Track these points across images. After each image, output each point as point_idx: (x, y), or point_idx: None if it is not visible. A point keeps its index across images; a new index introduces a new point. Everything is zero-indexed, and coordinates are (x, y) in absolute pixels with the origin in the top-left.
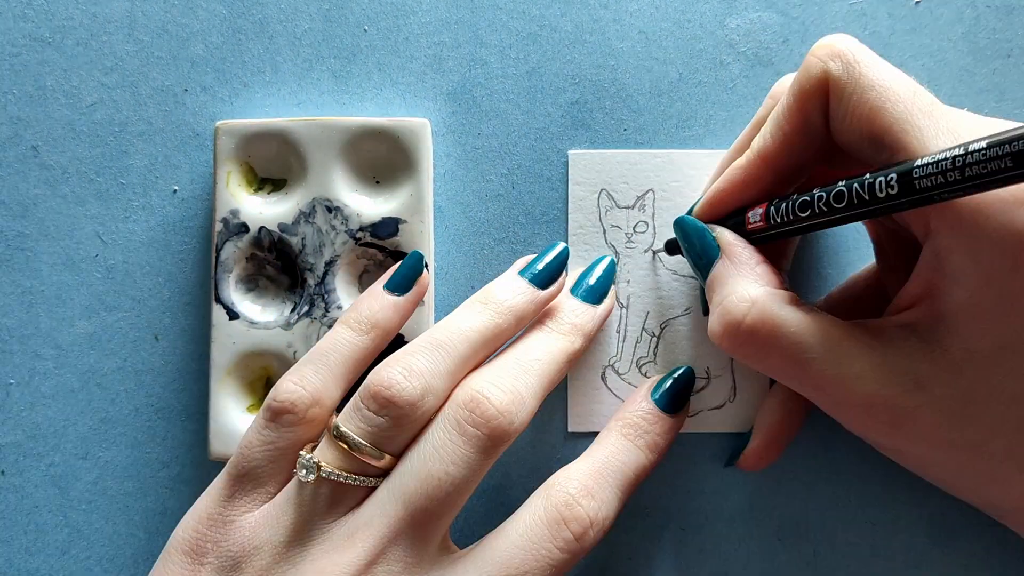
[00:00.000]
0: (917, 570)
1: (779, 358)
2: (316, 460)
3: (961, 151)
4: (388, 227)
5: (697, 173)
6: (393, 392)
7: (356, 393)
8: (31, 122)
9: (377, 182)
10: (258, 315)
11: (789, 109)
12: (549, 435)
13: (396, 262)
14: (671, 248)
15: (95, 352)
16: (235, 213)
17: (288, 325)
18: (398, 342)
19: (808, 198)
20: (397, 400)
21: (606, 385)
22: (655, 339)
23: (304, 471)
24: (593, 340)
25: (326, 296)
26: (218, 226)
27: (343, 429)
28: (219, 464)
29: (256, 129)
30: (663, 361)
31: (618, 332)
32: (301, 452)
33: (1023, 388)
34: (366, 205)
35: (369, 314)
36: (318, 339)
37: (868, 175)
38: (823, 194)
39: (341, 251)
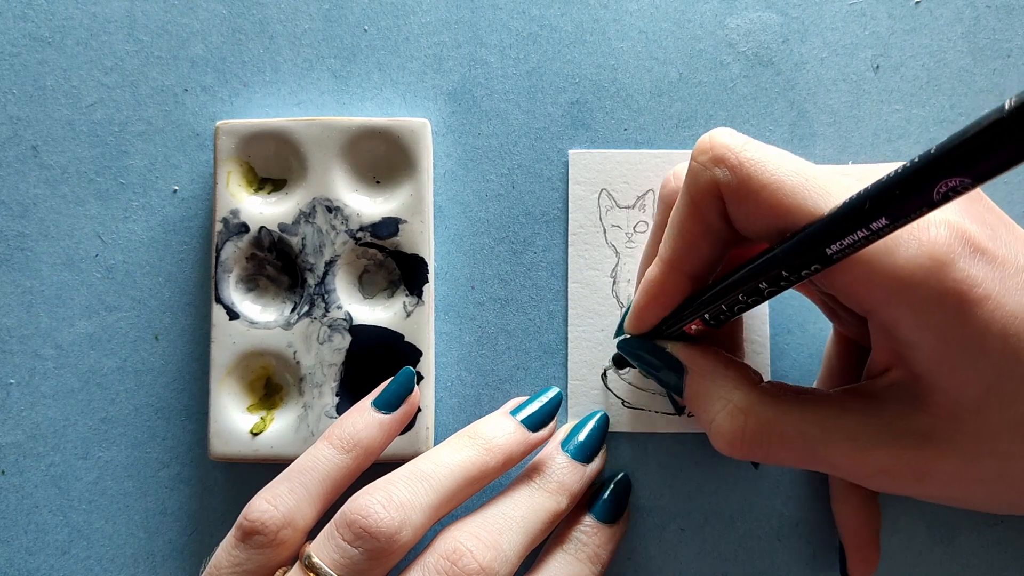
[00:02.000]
0: (917, 570)
1: (789, 453)
2: None
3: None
4: (388, 227)
5: None
6: (369, 522)
7: (332, 519)
8: (31, 122)
9: (377, 182)
10: (258, 315)
11: (686, 216)
12: None
13: (396, 263)
14: (619, 362)
15: (95, 352)
16: (235, 213)
17: (288, 325)
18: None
19: (732, 303)
20: (373, 531)
21: (606, 385)
22: None
23: None
24: (577, 499)
25: (326, 296)
26: (218, 226)
27: (315, 559)
28: (219, 464)
29: (256, 129)
30: None
31: None
32: None
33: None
34: (366, 205)
35: (352, 432)
36: (318, 339)
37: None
38: (747, 297)
39: (341, 251)
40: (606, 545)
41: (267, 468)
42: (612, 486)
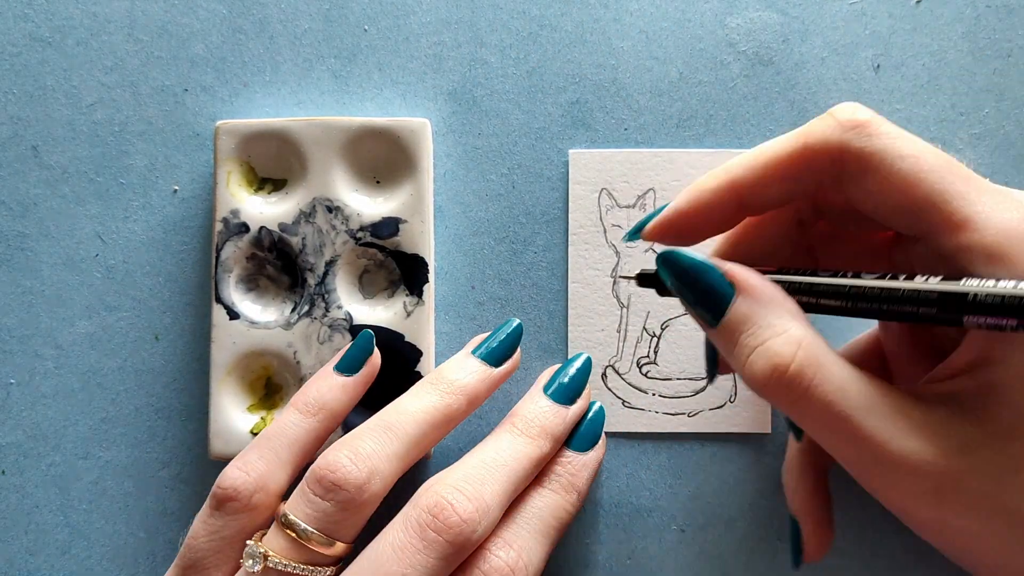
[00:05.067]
0: (917, 570)
1: (822, 408)
2: (263, 550)
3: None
4: (388, 227)
5: (697, 172)
6: (339, 476)
7: (303, 478)
8: (31, 122)
9: (377, 182)
10: (258, 315)
11: (787, 157)
12: None
13: (396, 263)
14: (645, 281)
15: (95, 352)
16: (235, 213)
17: (288, 325)
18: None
19: (844, 288)
20: (342, 484)
21: (606, 385)
22: (655, 339)
23: (251, 561)
24: (561, 442)
25: (326, 296)
26: (218, 226)
27: (290, 517)
28: (219, 464)
29: (256, 129)
30: (663, 361)
31: (618, 332)
32: (249, 541)
33: None
34: (366, 205)
35: (317, 396)
36: (318, 339)
37: (917, 298)
38: (872, 284)
39: (341, 251)
40: (580, 473)
41: None
42: (585, 416)
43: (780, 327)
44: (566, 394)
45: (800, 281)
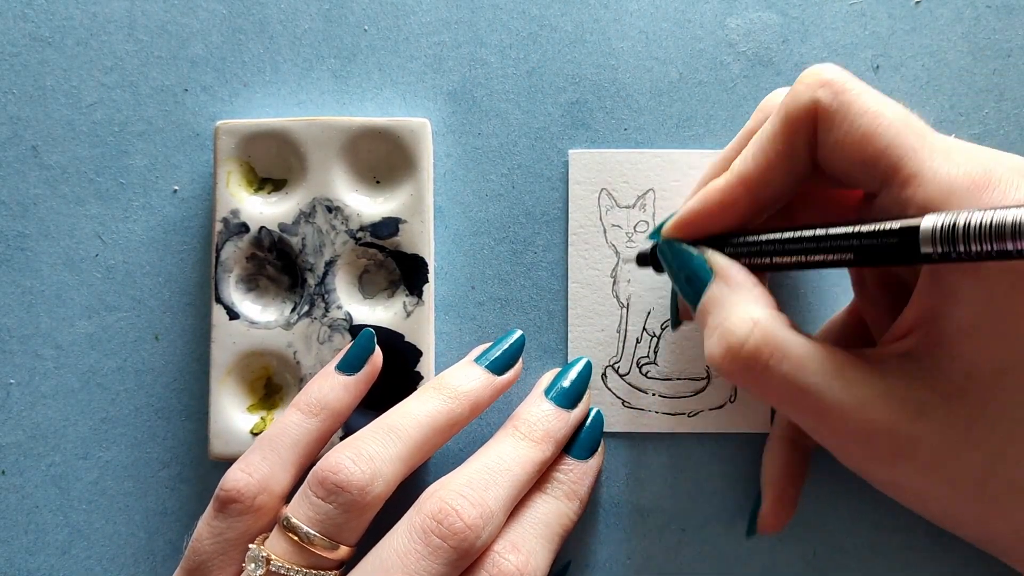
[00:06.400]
0: (917, 570)
1: (780, 383)
2: (265, 554)
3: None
4: (388, 227)
5: (697, 173)
6: (341, 477)
7: (305, 480)
8: (31, 122)
9: (377, 182)
10: (258, 315)
11: (775, 135)
12: None
13: (396, 263)
14: (643, 261)
15: (95, 352)
16: (235, 213)
17: (288, 325)
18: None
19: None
20: (344, 485)
21: (606, 385)
22: (655, 339)
23: (253, 565)
24: (562, 446)
25: (326, 296)
26: (218, 226)
27: (292, 520)
28: (219, 464)
29: (256, 129)
30: (663, 361)
31: (618, 332)
32: (251, 545)
33: None
34: (366, 205)
35: (319, 396)
36: (318, 339)
37: (872, 231)
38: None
39: (341, 251)
40: (582, 480)
41: None
42: (584, 423)
43: (741, 309)
44: (567, 398)
45: (764, 240)
